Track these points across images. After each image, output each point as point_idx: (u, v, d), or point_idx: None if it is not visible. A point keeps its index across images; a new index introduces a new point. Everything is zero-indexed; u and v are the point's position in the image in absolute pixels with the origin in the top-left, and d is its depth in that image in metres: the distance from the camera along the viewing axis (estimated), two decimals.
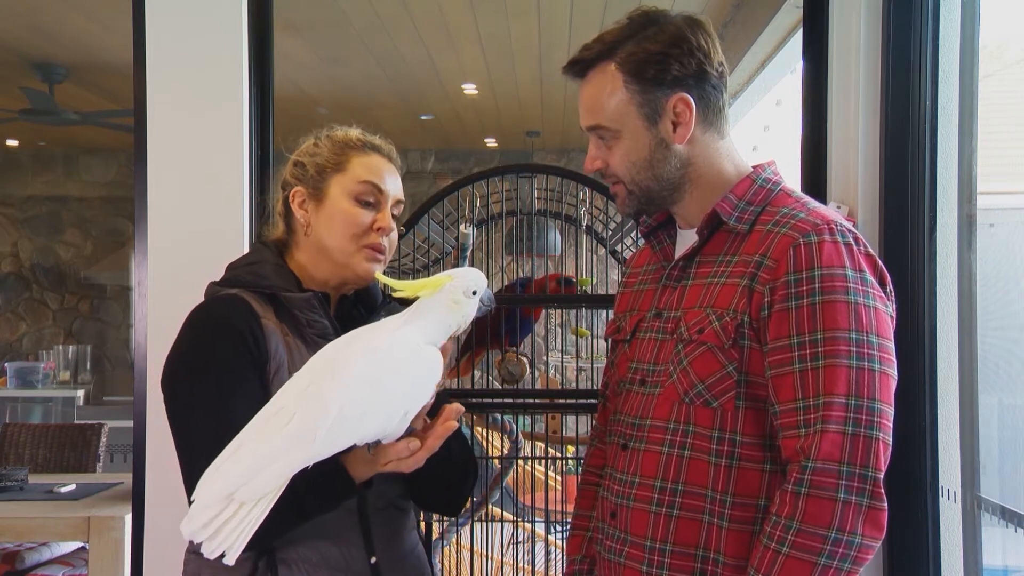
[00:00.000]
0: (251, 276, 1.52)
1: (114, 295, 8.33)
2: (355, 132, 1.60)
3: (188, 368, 1.45)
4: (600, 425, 1.63)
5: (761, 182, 1.42)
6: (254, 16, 2.11)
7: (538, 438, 2.89)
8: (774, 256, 1.32)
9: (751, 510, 1.33)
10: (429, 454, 1.34)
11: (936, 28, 1.92)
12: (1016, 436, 1.88)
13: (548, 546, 3.45)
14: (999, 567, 1.89)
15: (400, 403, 1.30)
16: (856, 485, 1.24)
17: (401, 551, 1.55)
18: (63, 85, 5.77)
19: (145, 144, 2.07)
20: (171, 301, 1.54)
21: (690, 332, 1.37)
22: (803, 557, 1.23)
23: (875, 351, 1.28)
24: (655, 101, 1.39)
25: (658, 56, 1.38)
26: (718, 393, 1.34)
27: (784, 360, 1.29)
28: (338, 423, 1.26)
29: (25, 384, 7.02)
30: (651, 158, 1.40)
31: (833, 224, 1.32)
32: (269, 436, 1.26)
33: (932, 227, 1.90)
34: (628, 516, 1.41)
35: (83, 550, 3.62)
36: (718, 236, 1.41)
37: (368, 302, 1.62)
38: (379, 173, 1.55)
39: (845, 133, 2.00)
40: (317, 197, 1.54)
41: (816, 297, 1.28)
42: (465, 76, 5.85)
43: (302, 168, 1.56)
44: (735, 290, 1.34)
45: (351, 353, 1.32)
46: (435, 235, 2.50)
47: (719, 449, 1.34)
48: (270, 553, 1.43)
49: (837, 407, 1.25)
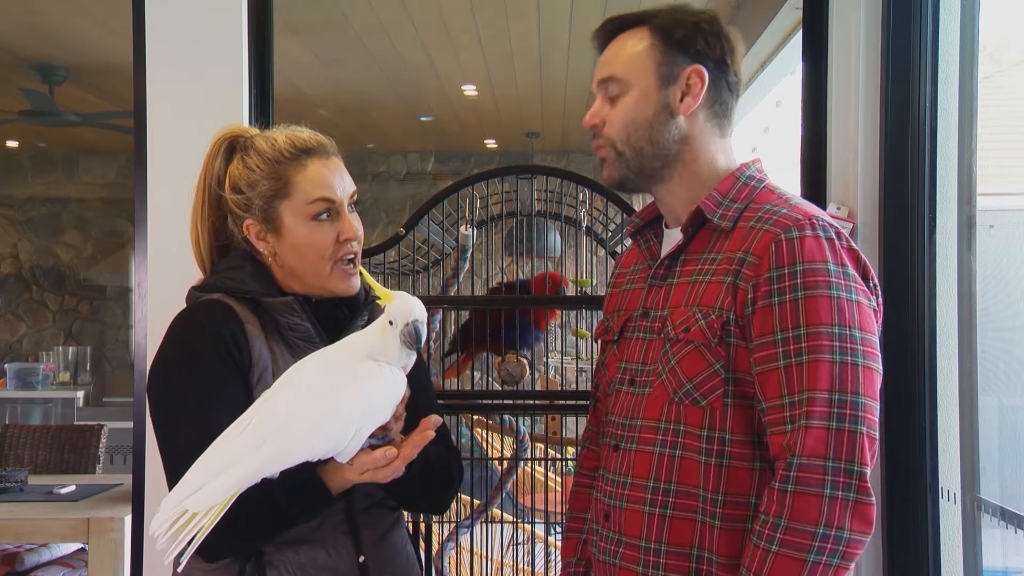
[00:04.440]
0: (232, 281, 1.49)
1: (114, 296, 8.33)
2: (281, 139, 1.50)
3: (171, 375, 1.44)
4: (592, 427, 1.63)
5: (745, 179, 1.42)
6: (254, 17, 2.11)
7: (538, 439, 2.89)
8: (756, 252, 1.32)
9: (742, 508, 1.33)
10: (406, 463, 1.34)
11: (936, 29, 1.92)
12: (1016, 437, 1.88)
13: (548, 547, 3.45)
14: (999, 568, 1.88)
15: (352, 420, 1.29)
16: (842, 480, 1.24)
17: (390, 551, 1.55)
18: (63, 86, 5.77)
19: (145, 145, 2.07)
20: (171, 302, 1.54)
21: (677, 331, 1.37)
22: (792, 554, 1.23)
23: (858, 345, 1.28)
24: (673, 64, 1.40)
25: (690, 25, 1.41)
26: (706, 392, 1.34)
27: (769, 356, 1.30)
28: (288, 436, 1.26)
29: (25, 385, 7.02)
30: (653, 120, 1.41)
31: (815, 219, 1.33)
32: (224, 446, 1.26)
33: (932, 228, 1.90)
34: (622, 517, 1.40)
35: (83, 551, 3.62)
36: (702, 234, 1.41)
37: (351, 302, 1.58)
38: (324, 183, 1.48)
39: (845, 134, 2.00)
40: (273, 228, 1.49)
41: (798, 292, 1.28)
42: (465, 77, 5.85)
43: (245, 200, 1.49)
44: (720, 288, 1.34)
45: (307, 367, 1.33)
46: (435, 236, 2.49)
47: (709, 448, 1.34)
48: (257, 555, 1.43)
49: (820, 402, 1.25)
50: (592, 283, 2.78)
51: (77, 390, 7.13)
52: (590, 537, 1.53)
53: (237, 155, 1.53)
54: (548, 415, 2.53)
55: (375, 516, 1.53)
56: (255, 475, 1.26)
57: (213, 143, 1.55)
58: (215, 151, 1.54)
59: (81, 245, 8.37)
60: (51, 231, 8.35)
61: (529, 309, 2.43)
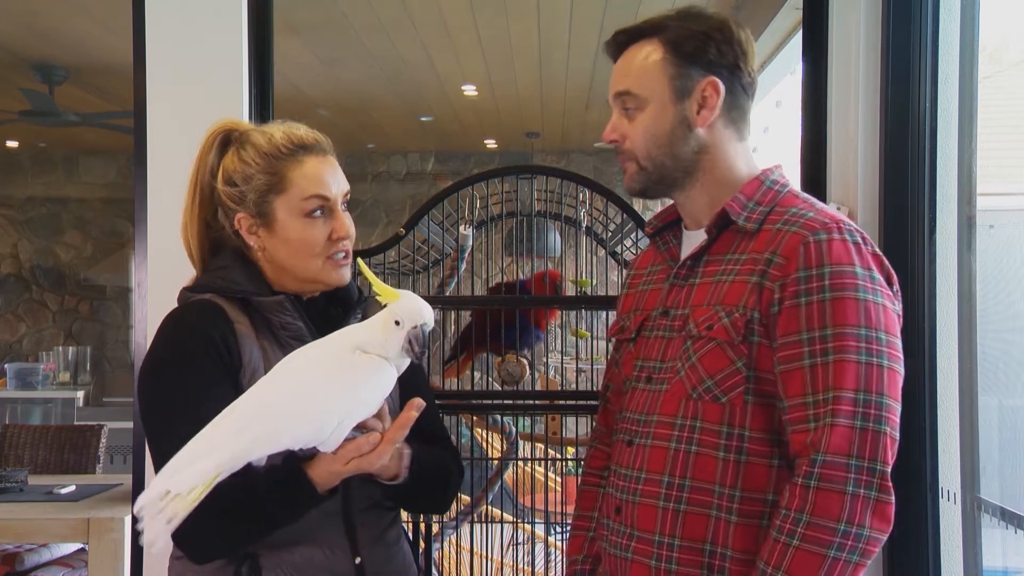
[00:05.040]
0: (222, 281, 1.49)
1: (114, 296, 8.32)
2: (278, 134, 1.50)
3: (160, 375, 1.45)
4: (601, 426, 1.64)
5: (769, 183, 1.45)
6: (254, 17, 2.11)
7: (538, 439, 2.89)
8: (784, 254, 1.34)
9: (759, 504, 1.34)
10: (391, 447, 1.33)
11: (936, 29, 1.92)
12: (1016, 437, 1.88)
13: (548, 547, 3.45)
14: (999, 568, 1.88)
15: (334, 410, 1.29)
16: (864, 478, 1.26)
17: (387, 551, 1.55)
18: (63, 86, 5.77)
19: (145, 145, 2.06)
20: (171, 302, 1.54)
21: (699, 328, 1.39)
22: (813, 550, 1.25)
23: (883, 347, 1.30)
24: (687, 77, 1.41)
25: (700, 35, 1.41)
26: (727, 388, 1.36)
27: (794, 355, 1.31)
28: (270, 422, 1.26)
29: (25, 385, 7.02)
30: (671, 134, 1.42)
31: (842, 223, 1.35)
32: (209, 431, 1.27)
33: (932, 228, 1.90)
34: (634, 511, 1.41)
35: (83, 551, 3.62)
36: (726, 236, 1.43)
37: (344, 301, 1.58)
38: (320, 180, 1.48)
39: (845, 134, 2.00)
40: (265, 223, 1.48)
41: (826, 294, 1.30)
42: (465, 77, 5.84)
43: (239, 193, 1.49)
44: (744, 287, 1.36)
45: (298, 355, 1.33)
46: (435, 236, 2.50)
47: (727, 444, 1.35)
48: (253, 557, 1.42)
49: (846, 401, 1.27)
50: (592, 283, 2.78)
51: (77, 390, 7.13)
52: (600, 532, 1.53)
53: (232, 148, 1.52)
54: (548, 415, 2.53)
55: (372, 517, 1.53)
56: (236, 459, 1.25)
57: (207, 136, 1.54)
58: (209, 144, 1.54)
59: (81, 245, 8.37)
60: (51, 231, 8.35)
61: (529, 309, 2.43)
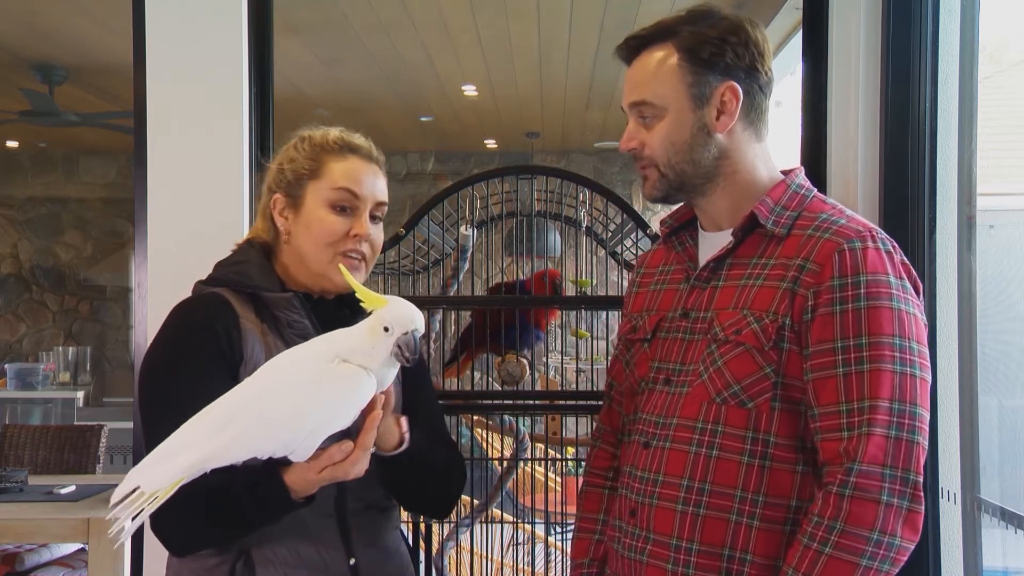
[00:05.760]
0: (235, 275, 1.51)
1: (114, 296, 8.33)
2: (334, 133, 1.55)
3: (159, 366, 1.47)
4: (604, 425, 1.62)
5: (795, 187, 1.44)
6: (254, 17, 2.11)
7: (538, 439, 2.89)
8: (818, 260, 1.33)
9: (782, 510, 1.34)
10: (366, 451, 1.32)
11: (936, 29, 1.92)
12: (1016, 437, 1.88)
13: (548, 547, 3.45)
14: (999, 568, 1.88)
15: (306, 419, 1.27)
16: (898, 488, 1.26)
17: (382, 553, 1.55)
18: (63, 86, 5.77)
19: (145, 145, 2.07)
20: (171, 302, 1.54)
21: (726, 332, 1.37)
22: (846, 558, 1.25)
23: (915, 357, 1.30)
24: (705, 84, 1.40)
25: (715, 40, 1.39)
26: (754, 394, 1.35)
27: (827, 363, 1.31)
28: (236, 429, 1.25)
29: (25, 385, 7.02)
30: (691, 142, 1.41)
31: (874, 232, 1.35)
32: (182, 431, 1.27)
33: (932, 228, 1.90)
34: (651, 514, 1.40)
35: (83, 552, 3.62)
36: (751, 239, 1.42)
37: (354, 303, 1.58)
38: (355, 178, 1.51)
39: (845, 135, 2.00)
40: (295, 205, 1.52)
41: (861, 302, 1.30)
42: (465, 77, 5.85)
43: (282, 174, 1.54)
44: (774, 293, 1.35)
45: (275, 362, 1.32)
46: (435, 236, 2.50)
47: (752, 449, 1.35)
48: (247, 554, 1.43)
49: (882, 411, 1.27)
50: (592, 283, 2.78)
51: (77, 390, 7.12)
52: (610, 534, 1.52)
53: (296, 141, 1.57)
54: (548, 415, 2.53)
55: (367, 518, 1.53)
56: (199, 465, 1.25)
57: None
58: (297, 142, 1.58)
59: (81, 245, 8.37)
60: (51, 231, 8.35)
61: (529, 309, 2.43)
